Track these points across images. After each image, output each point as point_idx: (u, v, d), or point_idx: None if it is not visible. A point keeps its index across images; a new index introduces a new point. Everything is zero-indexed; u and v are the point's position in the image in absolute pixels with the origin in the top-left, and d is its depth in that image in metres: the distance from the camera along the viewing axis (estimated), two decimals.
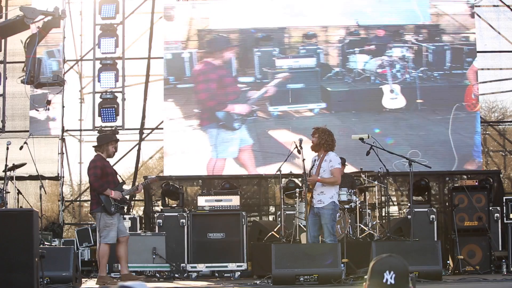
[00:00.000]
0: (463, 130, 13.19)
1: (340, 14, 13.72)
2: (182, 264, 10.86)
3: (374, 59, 13.50)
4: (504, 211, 11.10)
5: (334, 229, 8.92)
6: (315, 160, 9.09)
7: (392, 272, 3.51)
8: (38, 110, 12.50)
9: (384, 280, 3.50)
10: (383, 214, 12.06)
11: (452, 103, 13.24)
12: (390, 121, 13.31)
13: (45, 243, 11.26)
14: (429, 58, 13.42)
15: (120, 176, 9.84)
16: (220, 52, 13.59)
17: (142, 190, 11.39)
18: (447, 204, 12.14)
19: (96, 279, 10.07)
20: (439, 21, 13.53)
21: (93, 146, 9.32)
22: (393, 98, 13.25)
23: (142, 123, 13.66)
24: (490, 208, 11.09)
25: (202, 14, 13.80)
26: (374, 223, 10.99)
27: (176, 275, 10.40)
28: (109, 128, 12.77)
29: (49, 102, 10.38)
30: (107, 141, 9.26)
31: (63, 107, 13.73)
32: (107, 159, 9.28)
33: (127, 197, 9.50)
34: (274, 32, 13.68)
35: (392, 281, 3.48)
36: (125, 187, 9.50)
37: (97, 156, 9.23)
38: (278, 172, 10.95)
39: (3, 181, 11.05)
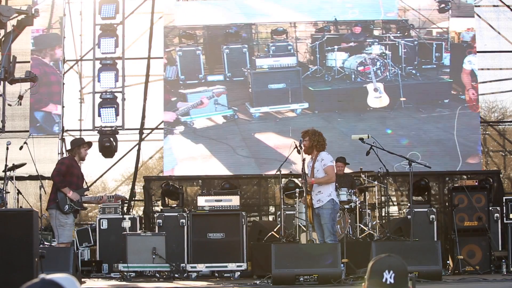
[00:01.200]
0: (457, 130, 13.09)
1: (312, 9, 13.48)
2: (182, 264, 10.85)
3: (353, 56, 13.32)
4: (504, 211, 11.08)
5: (335, 229, 8.92)
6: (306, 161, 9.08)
7: (391, 272, 3.51)
8: (10, 105, 12.47)
9: (384, 280, 3.50)
10: (383, 214, 12.06)
11: (435, 100, 13.18)
12: (377, 121, 13.16)
13: (45, 243, 11.25)
14: (407, 55, 13.29)
15: (86, 183, 9.83)
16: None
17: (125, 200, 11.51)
18: (447, 204, 12.14)
19: (95, 279, 10.08)
20: (413, 17, 13.37)
21: (67, 150, 9.39)
22: (377, 97, 13.12)
23: (142, 123, 13.65)
24: (490, 208, 11.08)
25: (167, 11, 13.67)
26: (374, 223, 10.99)
27: (176, 275, 10.39)
28: (109, 128, 12.78)
29: (21, 97, 10.44)
30: (78, 144, 9.31)
31: (63, 107, 13.72)
32: (80, 162, 9.38)
33: (85, 205, 9.44)
34: (242, 28, 13.47)
35: (392, 281, 3.48)
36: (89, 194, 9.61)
37: (68, 156, 9.36)
38: (278, 172, 10.96)
39: (3, 181, 11.05)
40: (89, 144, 9.41)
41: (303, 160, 8.95)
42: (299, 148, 9.09)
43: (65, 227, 8.87)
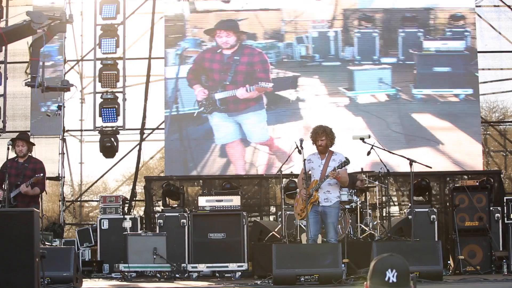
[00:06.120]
0: None
1: None
2: (183, 264, 10.87)
3: None
4: (505, 211, 11.08)
5: (337, 229, 8.99)
6: (309, 160, 8.99)
7: (394, 271, 3.50)
8: (49, 116, 12.51)
9: (386, 279, 3.49)
10: (384, 214, 12.05)
11: None
12: None
13: (46, 243, 11.26)
14: None
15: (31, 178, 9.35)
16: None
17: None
18: (447, 204, 12.13)
19: (96, 280, 10.06)
20: None
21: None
22: None
23: (143, 123, 13.65)
24: (491, 208, 11.07)
25: None
26: (374, 223, 10.98)
27: (177, 275, 10.40)
28: (110, 128, 12.78)
29: (60, 107, 10.29)
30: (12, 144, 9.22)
31: (63, 107, 13.72)
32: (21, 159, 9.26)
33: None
34: (419, 12, 13.44)
35: (394, 279, 3.47)
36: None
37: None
38: (279, 172, 10.95)
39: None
40: (13, 141, 9.28)
41: (304, 160, 8.93)
42: (300, 148, 9.06)
43: None
